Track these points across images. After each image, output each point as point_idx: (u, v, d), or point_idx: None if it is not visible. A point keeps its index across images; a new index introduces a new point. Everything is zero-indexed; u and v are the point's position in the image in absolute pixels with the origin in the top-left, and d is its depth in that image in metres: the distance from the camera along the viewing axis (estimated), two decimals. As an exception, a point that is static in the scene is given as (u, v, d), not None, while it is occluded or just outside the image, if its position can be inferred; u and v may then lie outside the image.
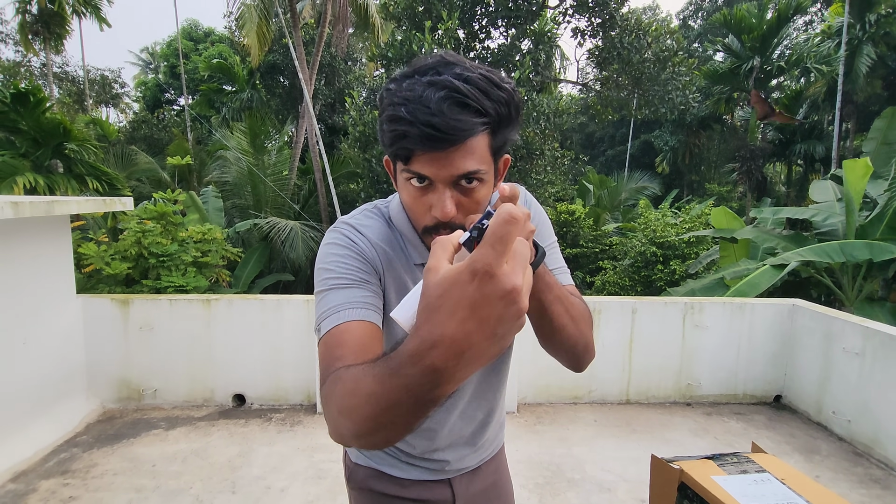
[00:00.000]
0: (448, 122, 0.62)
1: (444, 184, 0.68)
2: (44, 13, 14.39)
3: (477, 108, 0.64)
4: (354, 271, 0.77)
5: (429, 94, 0.63)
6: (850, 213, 6.49)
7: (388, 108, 0.67)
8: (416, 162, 0.67)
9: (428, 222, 0.72)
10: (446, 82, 0.64)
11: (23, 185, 5.70)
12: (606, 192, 15.67)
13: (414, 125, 0.63)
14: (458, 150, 0.65)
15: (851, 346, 3.09)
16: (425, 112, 0.63)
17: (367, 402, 0.54)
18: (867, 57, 13.90)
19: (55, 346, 3.15)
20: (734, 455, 0.91)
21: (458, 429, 0.96)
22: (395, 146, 0.67)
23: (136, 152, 12.80)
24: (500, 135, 0.69)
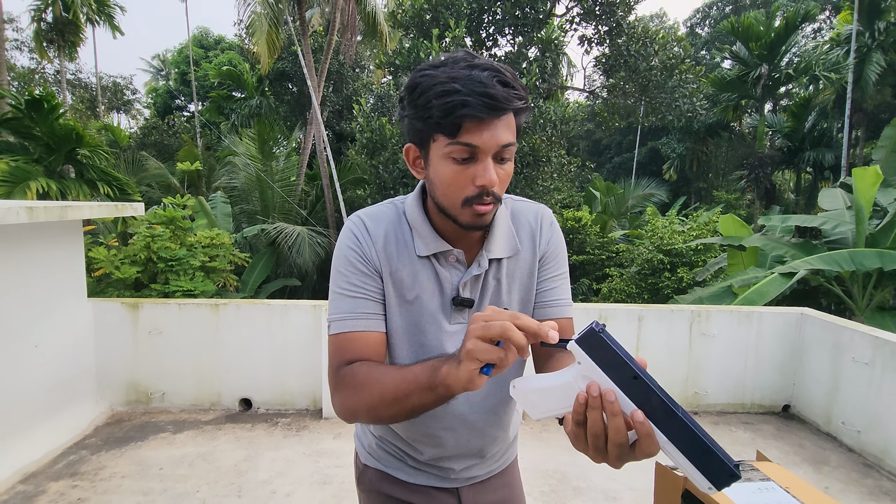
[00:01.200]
0: (500, 93, 0.71)
1: (488, 154, 0.75)
2: (58, 21, 14.66)
3: (514, 87, 0.73)
4: (359, 277, 0.86)
5: (477, 73, 0.72)
6: (860, 221, 6.43)
7: (434, 88, 0.73)
8: (464, 133, 0.73)
9: (470, 192, 0.77)
10: (489, 65, 0.73)
11: (36, 189, 5.78)
12: (613, 199, 15.63)
13: (471, 95, 0.70)
14: (503, 122, 0.74)
15: (861, 356, 3.06)
16: (479, 85, 0.71)
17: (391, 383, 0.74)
18: (877, 65, 13.83)
19: (66, 348, 3.19)
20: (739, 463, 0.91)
21: (466, 440, 0.96)
22: (450, 116, 0.72)
23: (146, 158, 12.96)
24: (521, 118, 0.78)
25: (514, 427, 1.09)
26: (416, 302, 0.88)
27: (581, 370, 0.57)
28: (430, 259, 0.88)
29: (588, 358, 0.56)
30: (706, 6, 26.68)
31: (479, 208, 0.78)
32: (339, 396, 0.81)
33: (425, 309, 0.88)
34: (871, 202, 6.44)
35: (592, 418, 0.56)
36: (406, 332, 0.89)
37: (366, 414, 0.78)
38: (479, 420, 0.96)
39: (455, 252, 0.87)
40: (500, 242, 0.90)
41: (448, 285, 0.88)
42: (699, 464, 0.51)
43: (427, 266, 0.88)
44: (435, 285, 0.88)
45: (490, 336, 0.59)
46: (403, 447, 0.99)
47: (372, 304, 0.86)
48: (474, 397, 0.94)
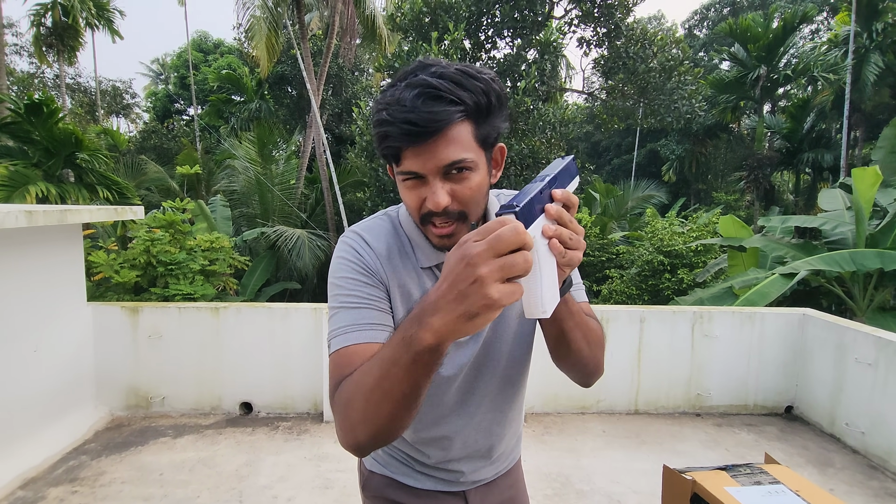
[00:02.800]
0: (422, 115, 0.66)
1: (433, 176, 0.70)
2: (58, 26, 14.68)
3: (451, 99, 0.67)
4: (361, 288, 0.80)
5: (405, 94, 0.67)
6: (860, 221, 6.43)
7: (374, 116, 0.71)
8: (404, 160, 0.70)
9: (424, 212, 0.74)
10: (420, 81, 0.68)
11: (35, 193, 5.77)
12: (613, 201, 15.63)
13: (394, 124, 0.67)
14: (440, 141, 0.68)
15: (864, 357, 3.05)
16: (402, 110, 0.66)
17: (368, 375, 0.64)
18: (875, 65, 13.86)
19: (66, 353, 3.17)
20: (747, 466, 0.90)
21: (474, 440, 0.95)
22: (381, 147, 0.71)
23: (145, 162, 12.96)
24: (485, 123, 0.72)
25: (519, 425, 1.08)
26: None
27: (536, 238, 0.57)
28: (432, 270, 0.85)
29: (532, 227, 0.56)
30: (704, 8, 26.77)
31: (436, 231, 0.74)
32: (337, 423, 0.70)
33: None
34: (871, 202, 6.44)
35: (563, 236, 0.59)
36: None
37: (364, 428, 0.65)
38: (486, 419, 0.95)
39: None
40: None
41: None
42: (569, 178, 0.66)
43: (431, 277, 0.85)
44: None
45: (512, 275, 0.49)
46: (410, 452, 0.97)
47: (377, 313, 0.79)
48: (483, 401, 0.93)
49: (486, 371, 0.91)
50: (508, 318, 0.91)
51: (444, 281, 0.53)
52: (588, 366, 0.83)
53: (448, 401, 0.92)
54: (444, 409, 0.92)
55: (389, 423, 0.64)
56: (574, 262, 0.61)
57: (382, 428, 0.64)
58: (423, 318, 0.55)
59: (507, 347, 0.92)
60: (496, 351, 0.91)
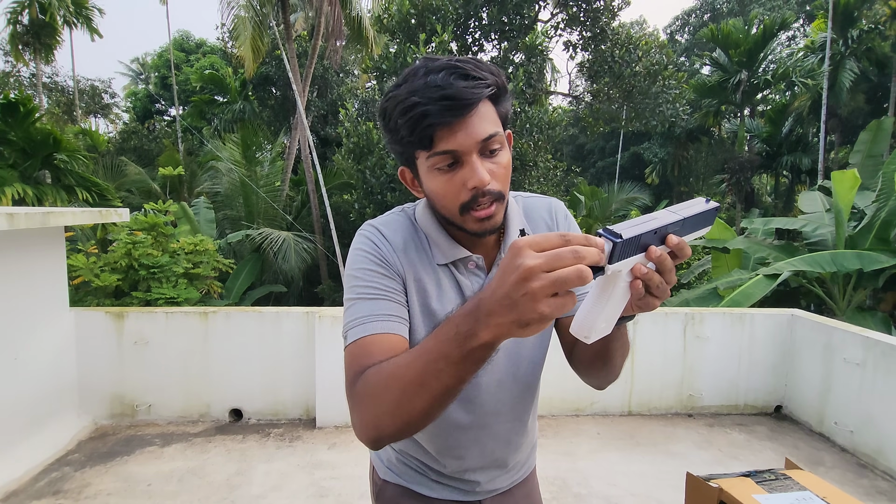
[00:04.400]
0: (459, 90, 0.67)
1: (471, 153, 0.71)
2: (35, 24, 14.29)
3: (478, 77, 0.69)
4: (379, 279, 0.79)
5: (432, 77, 0.68)
6: (840, 223, 6.59)
7: (397, 108, 0.70)
8: (439, 142, 0.70)
9: (465, 198, 0.73)
10: (444, 64, 0.70)
11: (11, 195, 5.59)
12: (598, 203, 15.79)
13: (430, 103, 0.67)
14: (474, 116, 0.69)
15: (852, 357, 3.11)
16: (436, 90, 0.67)
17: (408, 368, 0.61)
18: (850, 71, 14.27)
19: (47, 361, 3.06)
20: (770, 472, 0.89)
21: (491, 451, 0.93)
22: (416, 131, 0.69)
23: (125, 163, 12.66)
24: (501, 104, 0.75)
25: (534, 434, 1.07)
26: (441, 312, 0.84)
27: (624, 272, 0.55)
28: (448, 267, 0.84)
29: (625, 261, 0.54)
30: (685, 14, 27.24)
31: (478, 213, 0.73)
32: (357, 413, 0.68)
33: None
34: (850, 205, 6.60)
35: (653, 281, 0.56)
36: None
37: (391, 420, 0.63)
38: (505, 429, 0.93)
39: (474, 258, 0.84)
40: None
41: (469, 293, 0.84)
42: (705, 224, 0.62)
43: (447, 274, 0.84)
44: (457, 294, 0.84)
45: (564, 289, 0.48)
46: (426, 460, 0.95)
47: (394, 305, 0.78)
48: (502, 407, 0.91)
49: (503, 376, 0.90)
50: None
51: (498, 285, 0.51)
52: (613, 376, 0.84)
53: (464, 407, 0.90)
54: (462, 417, 0.90)
55: (421, 417, 0.62)
56: (649, 308, 0.60)
57: (412, 421, 0.63)
58: (480, 315, 0.54)
59: (529, 352, 0.90)
60: (517, 356, 0.90)
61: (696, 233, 0.61)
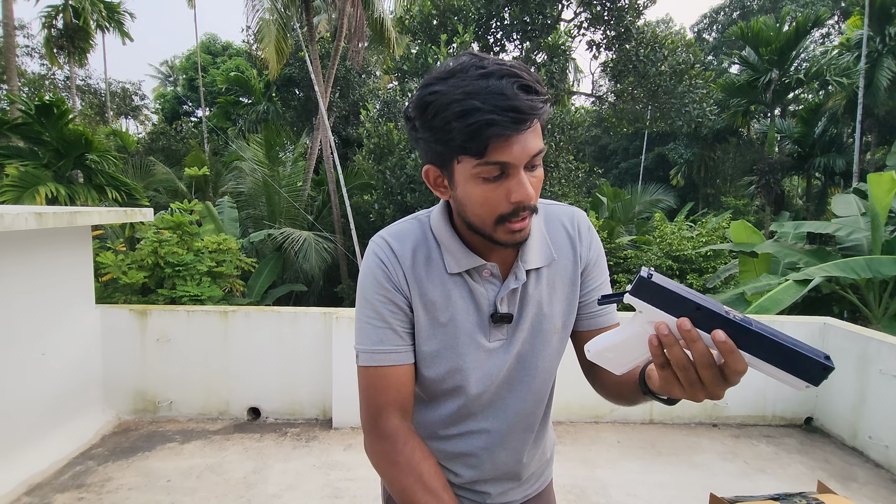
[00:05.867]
0: (525, 104, 0.65)
1: (519, 167, 0.70)
2: (69, 28, 14.79)
3: (538, 91, 0.68)
4: (387, 306, 0.82)
5: (495, 84, 0.65)
6: (876, 228, 6.32)
7: (451, 107, 0.66)
8: (493, 152, 0.68)
9: (505, 210, 0.72)
10: (504, 71, 0.66)
11: (45, 194, 5.78)
12: (620, 205, 15.51)
13: (496, 112, 0.64)
14: (531, 131, 0.69)
15: (889, 369, 2.96)
16: (502, 98, 0.65)
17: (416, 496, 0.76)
18: (888, 70, 13.71)
19: (73, 356, 3.14)
20: (801, 496, 0.83)
21: (503, 460, 0.91)
22: (475, 139, 0.66)
23: (154, 163, 13.00)
24: (544, 119, 0.73)
25: (550, 446, 1.04)
26: (451, 324, 0.83)
27: (644, 317, 0.58)
28: (461, 276, 0.83)
29: (647, 304, 0.56)
30: (713, 11, 26.62)
31: (514, 225, 0.73)
32: (377, 450, 0.81)
33: (461, 329, 0.83)
34: (888, 208, 6.32)
35: (673, 354, 0.57)
36: (441, 356, 0.84)
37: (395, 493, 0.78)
38: (517, 439, 0.92)
39: (489, 266, 0.82)
40: (535, 251, 0.84)
41: (484, 301, 0.83)
42: (789, 367, 0.52)
43: (459, 283, 0.83)
44: (469, 303, 0.83)
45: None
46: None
47: (400, 336, 0.83)
48: (513, 417, 0.89)
49: (519, 386, 0.88)
50: (546, 332, 0.87)
51: None
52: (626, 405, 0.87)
53: (477, 417, 0.89)
54: (476, 424, 0.89)
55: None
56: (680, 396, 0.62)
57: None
58: None
59: (543, 363, 0.88)
60: (531, 365, 0.88)
61: (770, 367, 0.54)
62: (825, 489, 0.87)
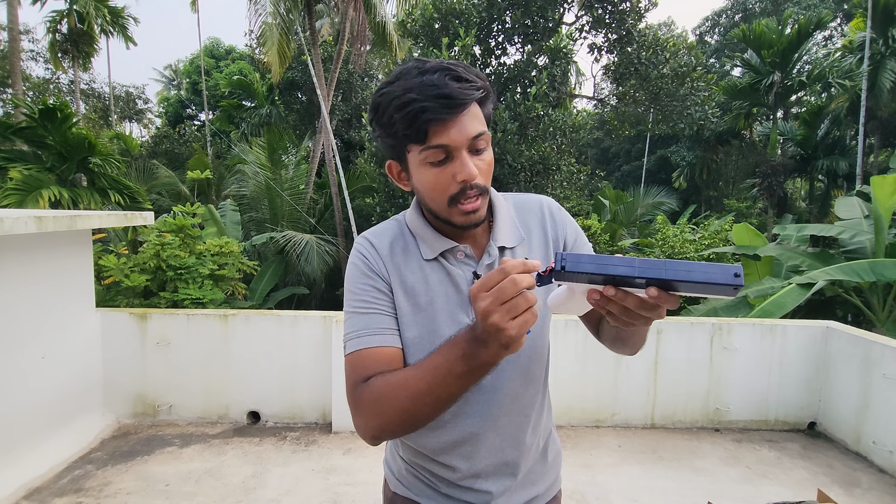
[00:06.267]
0: (455, 90, 0.73)
1: (462, 148, 0.76)
2: (73, 32, 14.88)
3: (469, 80, 0.75)
4: (371, 292, 0.86)
5: (429, 77, 0.74)
6: (880, 231, 6.29)
7: (392, 103, 0.75)
8: (433, 136, 0.75)
9: (453, 191, 0.79)
10: (438, 66, 0.75)
11: (48, 198, 5.80)
12: (623, 208, 15.50)
13: (427, 100, 0.72)
14: (466, 116, 0.75)
15: (893, 373, 2.94)
16: (433, 88, 0.73)
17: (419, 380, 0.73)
18: (891, 72, 13.66)
19: (73, 360, 3.14)
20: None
21: (498, 445, 0.90)
22: (413, 126, 0.74)
23: (157, 166, 13.05)
24: (487, 106, 0.81)
25: (554, 449, 1.03)
26: (430, 307, 0.86)
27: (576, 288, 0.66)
28: (437, 260, 0.88)
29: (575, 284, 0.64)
30: (715, 14, 26.60)
31: (465, 206, 0.79)
32: (362, 415, 0.78)
33: (440, 311, 0.86)
34: (891, 211, 6.29)
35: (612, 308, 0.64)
36: (423, 342, 0.85)
37: (398, 421, 0.75)
38: (511, 423, 0.91)
39: (462, 248, 0.88)
40: (505, 232, 0.91)
41: (462, 281, 0.87)
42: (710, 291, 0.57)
43: (437, 268, 0.87)
44: (448, 285, 0.87)
45: (518, 313, 0.61)
46: (435, 469, 0.93)
47: (385, 318, 0.85)
48: (503, 398, 0.89)
49: (505, 365, 0.88)
50: None
51: (477, 321, 0.64)
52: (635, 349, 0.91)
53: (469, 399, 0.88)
54: (466, 407, 0.89)
55: (425, 419, 0.75)
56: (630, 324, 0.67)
57: (417, 423, 0.75)
58: (479, 340, 0.65)
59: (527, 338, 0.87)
60: None
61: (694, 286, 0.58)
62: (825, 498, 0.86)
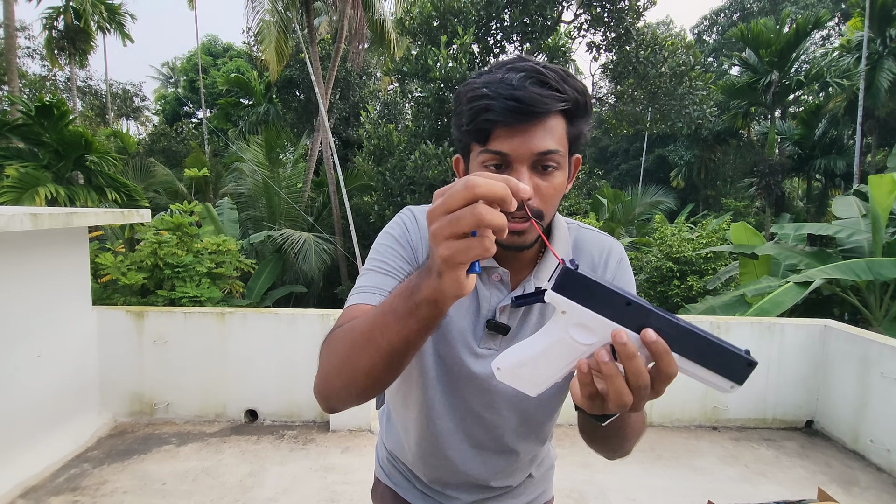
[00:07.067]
0: (530, 95, 0.64)
1: (522, 163, 0.67)
2: (69, 29, 14.81)
3: (556, 88, 0.66)
4: (395, 258, 0.79)
5: (510, 76, 0.66)
6: (877, 230, 6.30)
7: (468, 94, 0.68)
8: (494, 140, 0.67)
9: None
10: (527, 66, 0.67)
11: (44, 195, 5.77)
12: (621, 207, 15.50)
13: (496, 99, 0.64)
14: (538, 127, 0.66)
15: (890, 372, 2.94)
16: (507, 88, 0.65)
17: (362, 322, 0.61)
18: (888, 71, 13.70)
19: (69, 358, 3.12)
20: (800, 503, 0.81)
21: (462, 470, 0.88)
22: (475, 122, 0.67)
23: (154, 164, 13.00)
24: (576, 124, 0.70)
25: (546, 464, 1.01)
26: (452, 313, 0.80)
27: (569, 319, 0.48)
28: None
29: (573, 304, 0.47)
30: (713, 13, 26.63)
31: (511, 226, 0.68)
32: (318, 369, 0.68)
33: (453, 325, 0.80)
34: (889, 210, 6.30)
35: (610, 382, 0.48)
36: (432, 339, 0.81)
37: (336, 374, 0.63)
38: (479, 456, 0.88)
39: (500, 271, 0.78)
40: (550, 272, 0.79)
41: (485, 305, 0.80)
42: (716, 367, 0.46)
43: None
44: (471, 302, 0.80)
45: (463, 231, 0.47)
46: (410, 466, 0.93)
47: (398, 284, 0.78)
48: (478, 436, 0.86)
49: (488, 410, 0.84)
50: None
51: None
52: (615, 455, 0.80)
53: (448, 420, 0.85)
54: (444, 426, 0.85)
55: (364, 375, 0.60)
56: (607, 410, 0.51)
57: (356, 379, 0.61)
58: (425, 270, 0.53)
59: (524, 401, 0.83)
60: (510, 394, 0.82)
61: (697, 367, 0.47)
62: (826, 497, 0.85)
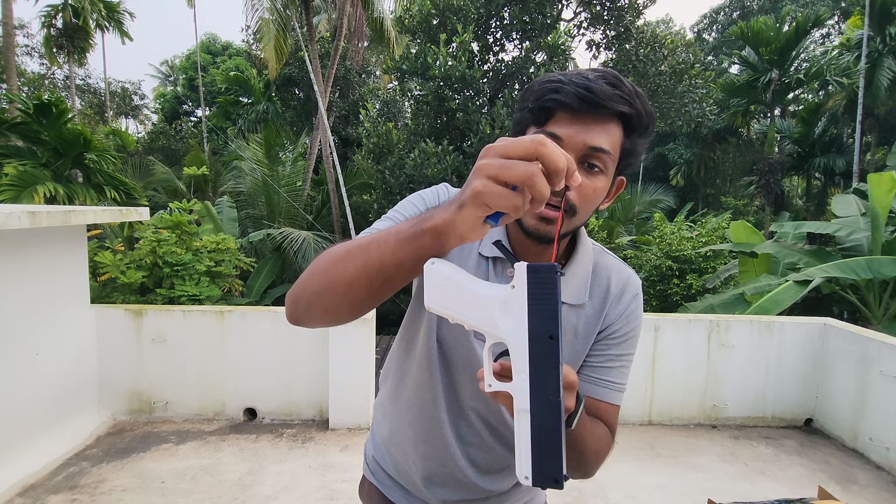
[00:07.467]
0: (601, 89, 0.65)
1: (574, 153, 0.67)
2: (68, 27, 14.78)
3: (623, 92, 0.67)
4: (412, 214, 0.78)
5: (586, 72, 0.68)
6: (877, 228, 6.30)
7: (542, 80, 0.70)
8: (553, 123, 0.68)
9: None
10: (607, 72, 0.69)
11: (43, 194, 5.76)
12: (620, 205, 15.49)
13: (569, 85, 0.66)
14: (598, 123, 0.67)
15: (889, 370, 2.94)
16: (581, 78, 0.66)
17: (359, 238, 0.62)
18: (888, 70, 13.70)
19: (68, 356, 3.12)
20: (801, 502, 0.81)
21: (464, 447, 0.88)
22: (541, 100, 0.68)
23: (153, 163, 12.98)
24: (633, 140, 0.70)
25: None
26: None
27: (509, 296, 0.50)
28: (488, 262, 0.79)
29: (527, 289, 0.49)
30: (713, 12, 26.60)
31: (543, 210, 0.68)
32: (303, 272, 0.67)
33: None
34: (888, 209, 6.30)
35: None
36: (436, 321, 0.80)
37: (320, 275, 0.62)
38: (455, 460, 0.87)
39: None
40: (571, 287, 0.79)
41: None
42: (537, 453, 0.47)
43: (483, 269, 0.79)
44: None
45: (507, 179, 0.47)
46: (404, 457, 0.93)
47: None
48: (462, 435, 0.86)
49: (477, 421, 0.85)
50: None
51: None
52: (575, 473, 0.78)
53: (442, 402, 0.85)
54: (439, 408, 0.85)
55: (345, 286, 0.59)
56: None
57: (334, 288, 0.60)
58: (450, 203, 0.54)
59: None
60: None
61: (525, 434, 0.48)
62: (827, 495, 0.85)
